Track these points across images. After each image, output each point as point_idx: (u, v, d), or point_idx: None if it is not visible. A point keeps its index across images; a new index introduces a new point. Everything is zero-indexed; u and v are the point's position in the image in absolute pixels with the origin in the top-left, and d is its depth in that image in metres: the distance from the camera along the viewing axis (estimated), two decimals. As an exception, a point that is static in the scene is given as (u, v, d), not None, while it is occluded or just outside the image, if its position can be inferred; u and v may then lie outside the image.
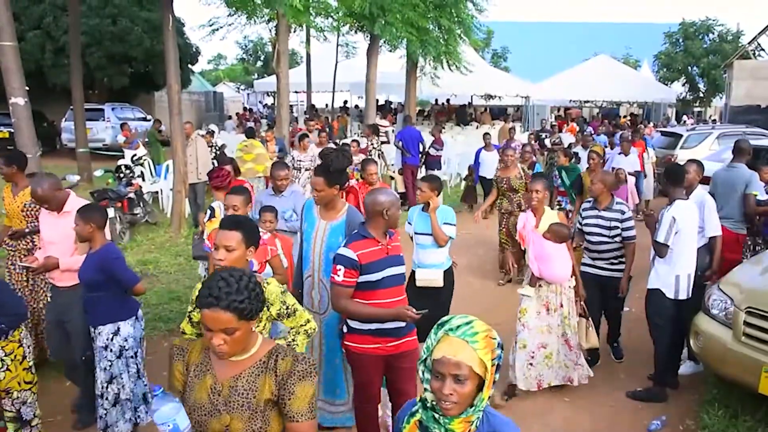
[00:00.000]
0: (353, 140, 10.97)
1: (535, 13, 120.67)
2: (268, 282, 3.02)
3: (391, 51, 16.18)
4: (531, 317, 4.89)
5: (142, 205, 10.25)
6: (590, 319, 5.12)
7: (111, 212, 8.95)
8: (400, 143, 12.47)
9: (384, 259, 3.55)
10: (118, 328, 3.98)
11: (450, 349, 1.77)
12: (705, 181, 9.45)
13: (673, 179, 4.96)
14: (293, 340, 3.14)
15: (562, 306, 4.93)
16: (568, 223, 7.65)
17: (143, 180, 11.55)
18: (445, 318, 1.87)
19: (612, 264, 5.36)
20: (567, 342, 4.95)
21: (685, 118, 29.62)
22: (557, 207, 8.35)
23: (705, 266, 5.31)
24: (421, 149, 12.60)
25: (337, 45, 20.08)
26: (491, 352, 1.81)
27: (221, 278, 2.07)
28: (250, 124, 18.52)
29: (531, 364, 4.87)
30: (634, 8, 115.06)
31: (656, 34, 34.47)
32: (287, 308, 3.05)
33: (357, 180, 8.89)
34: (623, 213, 5.26)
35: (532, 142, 14.71)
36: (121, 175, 10.65)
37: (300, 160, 9.71)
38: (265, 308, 2.87)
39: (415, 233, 5.32)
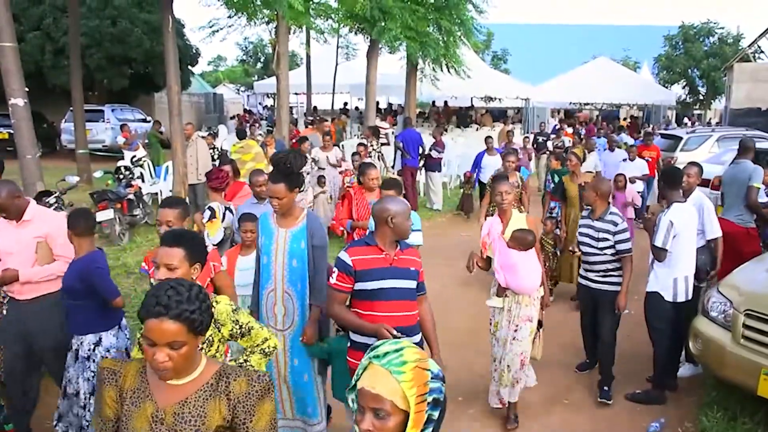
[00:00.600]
0: (359, 144, 10.83)
1: (535, 16, 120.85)
2: (218, 300, 2.75)
3: (391, 53, 16.19)
4: (500, 330, 4.61)
5: (141, 206, 10.25)
6: (541, 331, 4.74)
7: (110, 213, 8.97)
8: (401, 144, 12.48)
9: (385, 269, 3.34)
10: (100, 339, 3.86)
11: (371, 380, 1.56)
12: (704, 183, 9.50)
13: (670, 182, 4.96)
14: (246, 360, 2.88)
15: (530, 320, 4.53)
16: (562, 231, 7.43)
17: (143, 181, 11.54)
18: (377, 343, 1.66)
19: (603, 277, 4.99)
20: (522, 360, 4.53)
21: (686, 120, 29.39)
22: (548, 214, 8.17)
23: (704, 268, 5.31)
24: (420, 151, 12.62)
25: (337, 47, 20.15)
26: (420, 386, 1.56)
27: (170, 287, 1.89)
28: (249, 125, 18.50)
29: (495, 378, 4.66)
30: (634, 11, 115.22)
31: (656, 36, 34.51)
32: (240, 327, 2.79)
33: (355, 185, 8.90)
34: (616, 225, 4.88)
35: (528, 145, 14.57)
36: (121, 176, 10.65)
37: None
38: (215, 329, 2.70)
39: None
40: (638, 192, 10.42)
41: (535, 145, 15.68)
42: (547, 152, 15.40)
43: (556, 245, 7.50)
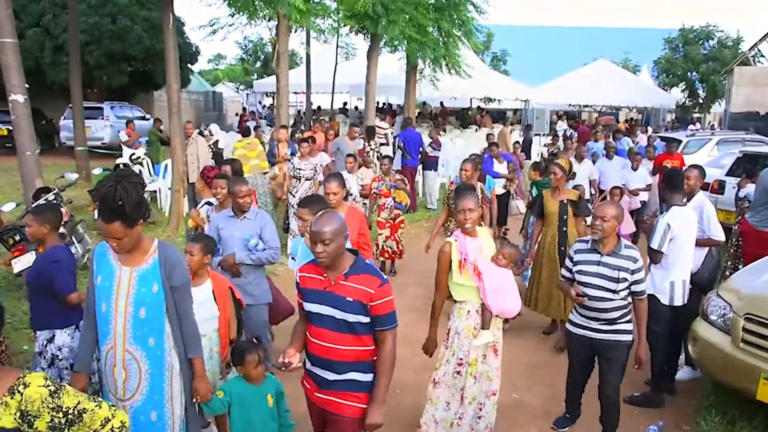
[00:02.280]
0: (348, 155, 10.28)
1: (535, 17, 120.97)
2: (28, 382, 2.05)
3: (391, 52, 16.20)
4: (480, 365, 4.13)
5: (140, 203, 10.22)
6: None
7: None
8: (402, 144, 12.52)
9: (319, 292, 3.00)
10: (54, 336, 3.84)
11: None
12: (704, 186, 9.50)
13: (671, 185, 4.95)
14: None
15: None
16: (530, 254, 6.50)
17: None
18: None
19: (611, 324, 4.09)
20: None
21: (697, 125, 28.75)
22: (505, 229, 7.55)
23: (709, 271, 5.27)
24: (420, 152, 12.67)
25: (337, 46, 20.11)
26: None
27: None
28: (251, 123, 18.43)
29: (480, 417, 4.15)
30: (634, 13, 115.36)
31: (656, 39, 34.54)
32: (66, 414, 2.10)
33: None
34: (635, 260, 3.98)
35: (518, 151, 13.46)
36: (120, 173, 10.61)
37: (300, 169, 8.89)
38: (25, 426, 2.02)
39: None
40: (643, 201, 9.78)
41: (522, 151, 14.16)
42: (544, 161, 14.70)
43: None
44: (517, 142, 14.81)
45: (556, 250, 6.12)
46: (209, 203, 5.58)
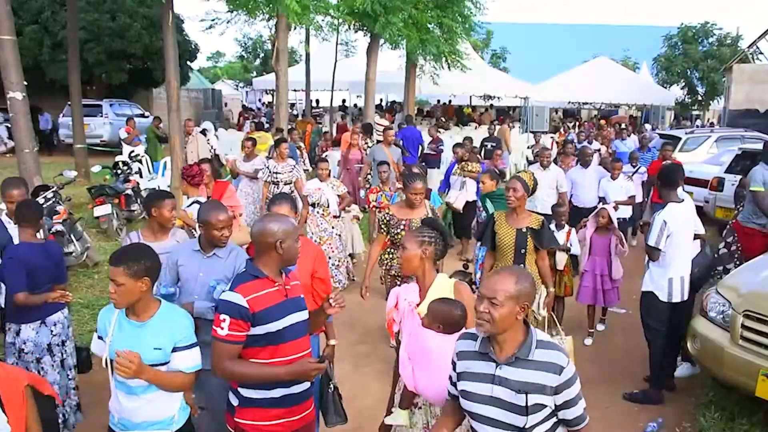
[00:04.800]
0: (320, 159, 8.47)
1: (534, 15, 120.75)
2: None
3: (392, 48, 16.19)
4: None
5: (139, 201, 10.23)
6: None
7: (108, 208, 8.99)
8: (401, 142, 12.51)
9: (284, 303, 2.71)
10: (20, 329, 3.90)
11: None
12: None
13: (667, 181, 4.93)
14: None
15: None
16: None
17: (141, 176, 11.52)
18: None
19: None
20: None
21: (707, 122, 28.06)
22: (466, 260, 6.31)
23: (699, 268, 5.25)
24: (420, 150, 12.68)
25: (337, 43, 20.09)
26: None
27: None
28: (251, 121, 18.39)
29: None
30: (634, 11, 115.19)
31: (656, 37, 34.49)
32: None
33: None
34: (559, 370, 2.28)
35: (497, 162, 10.49)
36: (119, 171, 10.63)
37: (277, 173, 8.04)
38: None
39: None
40: (624, 219, 8.11)
41: (482, 153, 11.78)
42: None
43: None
44: (492, 130, 13.86)
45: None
46: (197, 202, 5.56)
